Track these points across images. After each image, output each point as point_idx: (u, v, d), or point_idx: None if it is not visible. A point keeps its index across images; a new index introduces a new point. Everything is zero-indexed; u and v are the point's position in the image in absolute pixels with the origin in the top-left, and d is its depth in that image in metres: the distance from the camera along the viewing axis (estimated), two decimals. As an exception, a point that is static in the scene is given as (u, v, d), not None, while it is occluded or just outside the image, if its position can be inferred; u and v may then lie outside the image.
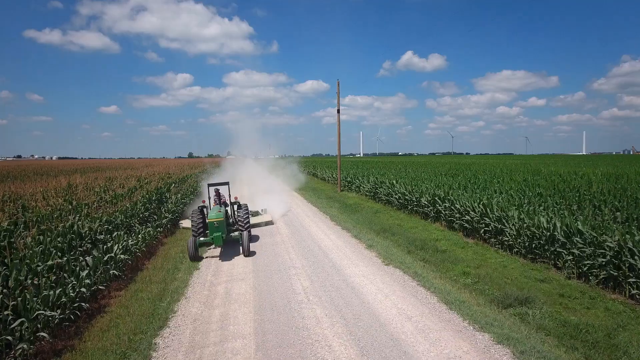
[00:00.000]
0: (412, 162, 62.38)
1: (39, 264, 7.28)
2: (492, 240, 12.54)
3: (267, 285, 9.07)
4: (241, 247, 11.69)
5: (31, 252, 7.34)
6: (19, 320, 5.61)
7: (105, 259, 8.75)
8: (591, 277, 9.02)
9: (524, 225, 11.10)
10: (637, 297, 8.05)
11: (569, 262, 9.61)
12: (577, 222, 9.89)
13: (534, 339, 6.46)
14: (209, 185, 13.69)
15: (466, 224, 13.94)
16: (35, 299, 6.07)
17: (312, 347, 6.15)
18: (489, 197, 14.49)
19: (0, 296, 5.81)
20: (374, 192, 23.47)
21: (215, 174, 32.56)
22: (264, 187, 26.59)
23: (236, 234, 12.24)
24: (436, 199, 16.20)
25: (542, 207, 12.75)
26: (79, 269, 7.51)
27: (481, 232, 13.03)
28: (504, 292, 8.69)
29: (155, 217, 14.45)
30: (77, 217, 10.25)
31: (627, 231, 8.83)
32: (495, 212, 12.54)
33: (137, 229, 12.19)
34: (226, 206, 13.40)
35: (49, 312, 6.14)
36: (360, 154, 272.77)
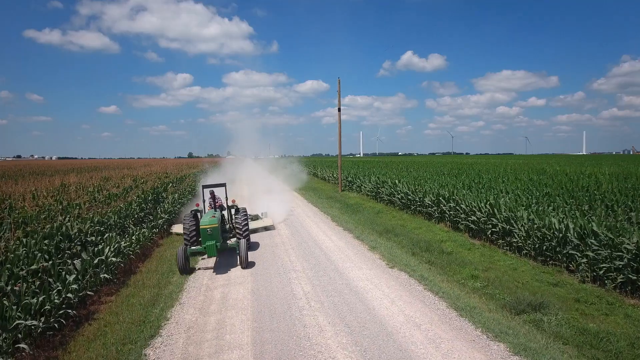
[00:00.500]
0: (412, 162, 61.92)
1: (23, 268, 6.83)
2: (500, 241, 12.08)
3: (266, 289, 8.62)
4: (238, 258, 10.44)
5: (12, 255, 6.88)
6: (-4, 330, 5.16)
7: (95, 262, 8.29)
8: (607, 281, 8.56)
9: (534, 226, 10.65)
10: (659, 302, 7.60)
11: (583, 265, 9.16)
12: (592, 223, 9.43)
13: (552, 349, 6.01)
14: (204, 186, 12.30)
15: (472, 225, 13.49)
16: (15, 307, 5.61)
17: None
18: (495, 197, 14.03)
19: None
20: (376, 192, 23.01)
21: (214, 173, 32.13)
22: (263, 187, 26.25)
23: (233, 242, 10.94)
24: (440, 199, 15.75)
25: (551, 208, 12.30)
26: (65, 273, 7.04)
27: (488, 233, 12.57)
28: (515, 297, 8.25)
29: (151, 217, 13.99)
30: (66, 218, 9.78)
31: (646, 233, 8.37)
32: (502, 213, 12.09)
33: (132, 230, 11.72)
34: (222, 210, 12.30)
35: (30, 321, 5.67)
36: (360, 154, 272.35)
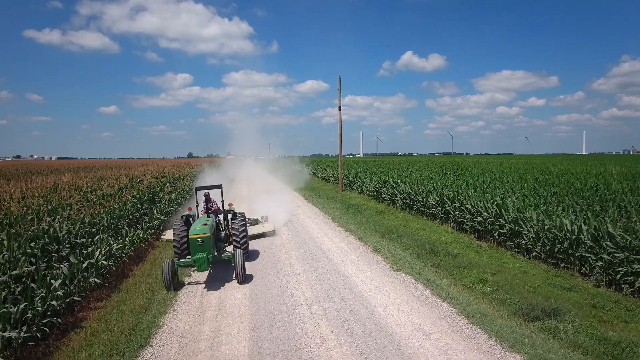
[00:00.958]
0: (413, 161, 61.51)
1: (6, 272, 6.39)
2: (508, 243, 11.65)
3: (265, 294, 8.17)
4: (234, 271, 9.14)
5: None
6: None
7: (84, 265, 7.84)
8: (624, 286, 8.14)
9: (545, 227, 10.22)
10: (682, 309, 7.17)
11: (598, 268, 8.73)
12: (606, 224, 9.00)
13: (573, 361, 5.57)
14: (197, 188, 10.80)
15: (478, 226, 13.06)
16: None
17: (316, 372, 5.25)
18: (502, 197, 13.60)
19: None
20: (377, 192, 22.58)
21: (213, 173, 31.67)
22: (263, 187, 25.85)
23: (228, 253, 9.39)
24: (445, 199, 15.31)
25: (560, 208, 11.87)
26: (50, 278, 6.59)
27: (495, 234, 12.14)
28: (528, 303, 7.82)
29: (146, 218, 13.55)
30: (55, 219, 9.33)
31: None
32: (510, 213, 11.66)
33: (125, 231, 11.26)
34: (218, 214, 10.97)
35: (10, 332, 5.23)
36: (360, 154, 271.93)
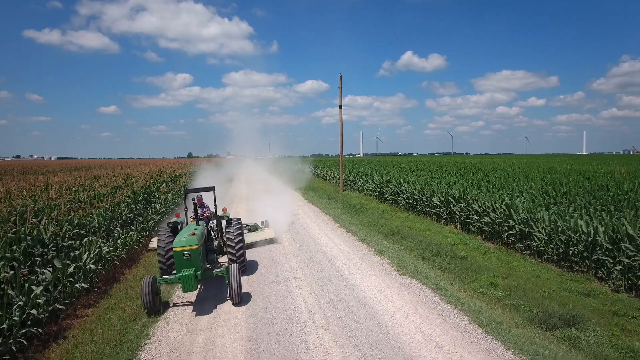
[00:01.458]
0: (413, 161, 61.01)
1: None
2: (518, 245, 11.15)
3: (264, 301, 7.66)
4: (228, 290, 7.49)
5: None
6: None
7: (70, 270, 7.34)
8: (646, 291, 7.64)
9: (558, 228, 9.72)
10: None
11: (617, 272, 8.23)
12: (625, 226, 8.50)
13: (600, 377, 5.07)
14: (186, 191, 9.30)
15: (486, 227, 12.56)
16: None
17: (319, 390, 4.75)
18: (510, 196, 13.10)
19: None
20: (379, 192, 22.08)
21: (211, 173, 31.19)
22: (263, 187, 25.42)
23: (221, 268, 7.75)
24: (450, 199, 14.81)
25: (572, 208, 11.37)
26: (30, 284, 6.08)
27: (504, 235, 11.64)
28: (543, 309, 7.33)
29: (140, 219, 13.04)
30: (41, 220, 8.82)
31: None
32: (520, 214, 11.16)
33: (118, 233, 10.75)
34: (210, 221, 9.62)
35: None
36: (360, 154, 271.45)
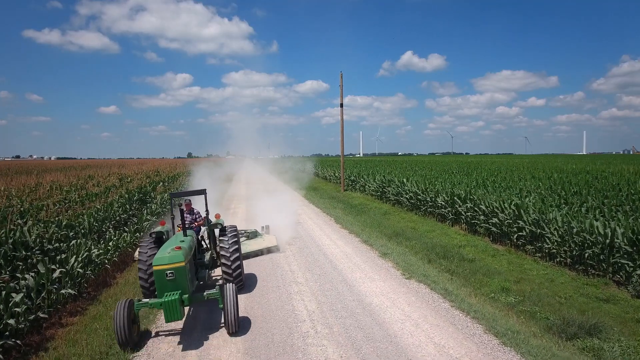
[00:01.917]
0: (414, 161, 60.54)
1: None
2: (528, 247, 10.67)
3: (262, 308, 7.18)
4: (223, 316, 6.13)
5: None
6: None
7: (56, 275, 6.85)
8: (670, 297, 7.16)
9: (572, 230, 9.25)
10: None
11: (637, 277, 7.75)
12: (645, 227, 8.02)
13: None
14: (172, 195, 8.23)
15: (493, 228, 12.08)
16: None
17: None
18: (519, 196, 12.62)
19: None
20: (381, 192, 21.60)
21: (211, 173, 30.70)
22: (262, 187, 25.00)
23: (215, 290, 6.31)
24: (455, 199, 14.33)
25: (584, 209, 10.91)
26: (6, 291, 5.59)
27: (513, 237, 11.16)
28: (561, 317, 6.87)
29: (135, 220, 12.54)
30: (26, 222, 8.33)
31: None
32: (531, 214, 10.68)
33: (110, 234, 10.25)
34: (201, 229, 8.53)
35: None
36: (359, 154, 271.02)
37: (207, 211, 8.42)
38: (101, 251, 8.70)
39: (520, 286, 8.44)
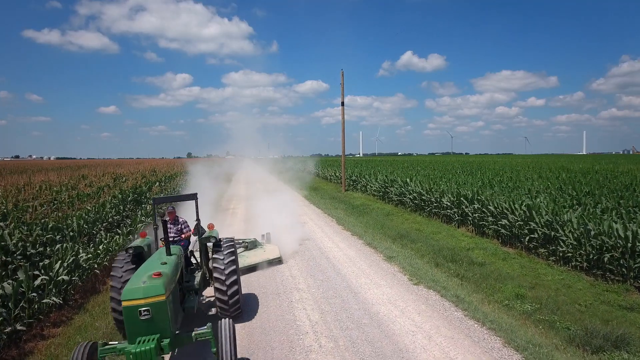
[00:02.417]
0: (415, 160, 60.03)
1: None
2: (541, 250, 10.17)
3: (261, 318, 6.65)
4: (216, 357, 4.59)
5: None
6: None
7: (38, 282, 6.33)
8: (700, 306, 6.66)
9: (589, 232, 8.75)
10: None
11: (662, 283, 7.26)
12: (670, 230, 7.53)
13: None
14: (155, 200, 6.71)
15: (503, 230, 11.57)
16: None
17: None
18: (529, 196, 12.11)
19: None
20: (384, 192, 21.09)
21: (210, 173, 30.14)
22: (262, 187, 24.53)
23: (206, 329, 4.77)
24: (462, 199, 13.82)
25: (598, 210, 10.40)
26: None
27: (525, 239, 10.65)
28: (583, 327, 6.37)
29: (128, 221, 12.01)
30: (10, 224, 7.81)
31: None
32: (543, 216, 10.18)
33: (101, 237, 9.72)
34: (191, 240, 7.30)
35: None
36: (359, 154, 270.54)
37: (197, 220, 6.87)
38: (90, 255, 8.18)
39: (535, 292, 7.93)
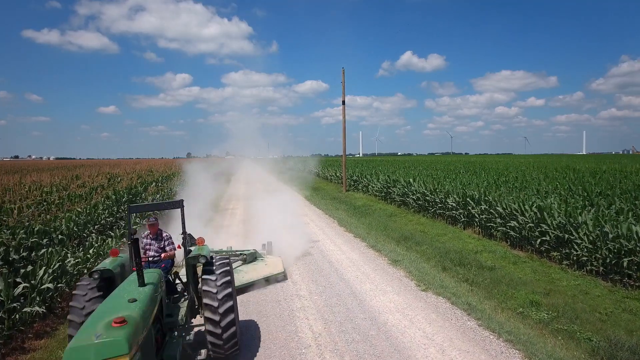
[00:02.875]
0: (415, 160, 59.56)
1: None
2: (554, 254, 9.71)
3: (259, 328, 6.19)
4: None
5: None
6: None
7: (19, 291, 5.87)
8: None
9: (606, 235, 8.29)
10: None
11: (688, 290, 6.80)
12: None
13: None
14: (131, 208, 5.18)
15: (512, 232, 11.12)
16: None
17: None
18: (539, 197, 11.66)
19: None
20: (386, 192, 20.64)
21: (209, 173, 29.67)
22: (261, 187, 24.09)
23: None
24: (468, 200, 13.37)
25: (613, 211, 9.95)
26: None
27: (535, 242, 10.19)
28: (606, 338, 5.93)
29: (122, 223, 11.55)
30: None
31: None
32: (556, 217, 9.72)
33: (92, 240, 9.25)
34: (174, 261, 5.94)
35: None
36: (359, 154, 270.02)
37: (184, 233, 5.44)
38: (79, 260, 7.71)
39: (551, 299, 7.47)
